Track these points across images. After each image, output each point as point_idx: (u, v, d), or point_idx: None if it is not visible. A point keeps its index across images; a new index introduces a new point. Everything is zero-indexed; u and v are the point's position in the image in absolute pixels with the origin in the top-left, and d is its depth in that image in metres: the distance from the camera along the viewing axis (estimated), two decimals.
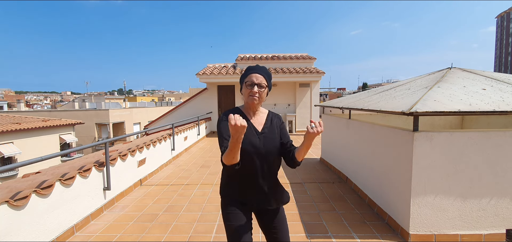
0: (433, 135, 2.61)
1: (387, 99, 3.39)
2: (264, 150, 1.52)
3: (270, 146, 1.55)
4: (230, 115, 1.22)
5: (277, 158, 1.60)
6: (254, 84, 1.50)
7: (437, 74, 3.80)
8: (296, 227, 3.10)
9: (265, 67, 1.55)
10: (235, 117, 1.20)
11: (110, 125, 24.20)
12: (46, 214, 2.71)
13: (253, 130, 1.55)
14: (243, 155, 1.46)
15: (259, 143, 1.52)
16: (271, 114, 1.68)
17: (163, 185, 4.75)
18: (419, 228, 2.71)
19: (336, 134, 5.27)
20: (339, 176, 4.98)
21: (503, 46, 64.92)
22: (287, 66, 11.35)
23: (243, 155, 1.45)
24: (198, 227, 3.16)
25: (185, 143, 7.93)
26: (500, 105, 2.50)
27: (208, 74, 10.85)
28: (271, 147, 1.55)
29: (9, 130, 13.80)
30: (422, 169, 2.65)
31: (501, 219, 2.66)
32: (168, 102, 44.20)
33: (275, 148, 1.57)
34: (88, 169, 3.40)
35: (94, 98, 37.93)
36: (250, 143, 1.50)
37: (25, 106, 36.66)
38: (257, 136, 1.54)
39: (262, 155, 1.51)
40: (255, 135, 1.54)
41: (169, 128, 7.57)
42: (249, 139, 1.51)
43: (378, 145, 3.44)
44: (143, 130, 8.35)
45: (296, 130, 11.71)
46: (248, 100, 1.53)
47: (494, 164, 2.60)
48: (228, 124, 1.43)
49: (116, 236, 2.98)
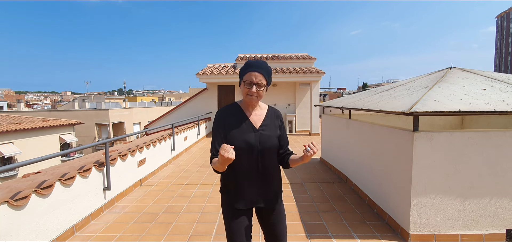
0: (433, 135, 2.61)
1: (387, 99, 3.38)
2: (260, 147, 1.51)
3: (267, 143, 1.53)
4: (223, 146, 1.29)
5: (274, 155, 1.59)
6: (252, 83, 1.48)
7: (437, 74, 3.80)
8: (296, 227, 3.10)
9: (265, 63, 1.52)
10: (227, 149, 1.28)
11: (110, 125, 24.19)
12: (46, 214, 2.71)
13: (250, 126, 1.54)
14: (238, 152, 1.45)
15: (254, 140, 1.51)
16: (271, 111, 1.65)
17: (163, 185, 4.75)
18: (419, 228, 2.71)
19: (336, 134, 5.27)
20: (339, 176, 4.98)
21: (503, 46, 64.92)
22: (287, 66, 11.35)
23: (237, 152, 1.45)
24: (198, 227, 3.16)
25: (185, 143, 7.93)
26: (500, 105, 2.50)
27: (208, 74, 10.85)
28: (268, 144, 1.53)
29: (9, 130, 13.80)
30: (422, 169, 2.65)
31: (501, 219, 2.66)
32: (168, 102, 44.20)
33: (272, 145, 1.55)
34: (88, 169, 3.40)
35: (94, 98, 37.93)
36: (244, 140, 1.49)
37: (25, 106, 36.66)
38: (253, 132, 1.53)
39: (257, 152, 1.50)
40: (251, 132, 1.52)
41: (169, 128, 7.57)
42: (243, 136, 1.50)
43: (378, 145, 3.44)
44: (143, 130, 8.35)
45: (296, 130, 11.71)
46: (246, 98, 1.52)
47: (494, 164, 2.60)
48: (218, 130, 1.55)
49: (116, 236, 2.98)
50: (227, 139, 1.51)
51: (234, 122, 1.54)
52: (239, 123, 1.53)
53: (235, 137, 1.49)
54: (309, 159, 1.40)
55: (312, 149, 1.38)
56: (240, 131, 1.51)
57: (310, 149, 1.39)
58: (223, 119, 1.55)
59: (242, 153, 1.47)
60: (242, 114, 1.56)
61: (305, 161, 1.45)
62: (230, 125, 1.53)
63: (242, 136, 1.50)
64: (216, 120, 1.57)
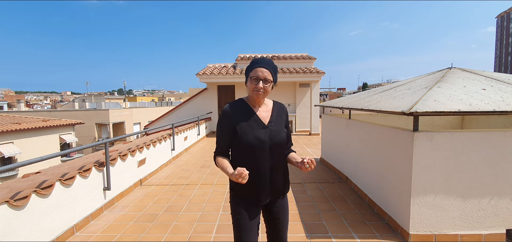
0: (433, 135, 2.61)
1: (387, 99, 3.38)
2: (271, 143, 1.51)
3: (277, 138, 1.54)
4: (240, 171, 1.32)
5: (283, 149, 1.61)
6: (259, 79, 1.47)
7: (437, 74, 3.80)
8: (296, 227, 3.10)
9: (270, 60, 1.52)
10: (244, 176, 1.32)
11: (110, 125, 24.19)
12: (46, 214, 2.70)
13: (260, 123, 1.54)
14: (249, 149, 1.47)
15: (265, 136, 1.51)
16: (276, 105, 1.66)
17: (163, 185, 4.75)
18: (419, 228, 2.71)
19: (336, 134, 5.27)
20: (339, 176, 4.98)
21: (503, 46, 64.90)
22: (287, 66, 11.35)
23: (249, 149, 1.47)
24: (198, 227, 3.16)
25: (185, 143, 7.93)
26: (500, 105, 2.50)
27: (208, 74, 10.84)
28: (277, 140, 1.54)
29: (9, 130, 13.80)
30: (422, 169, 2.65)
31: (501, 219, 2.66)
32: (168, 102, 44.20)
33: (282, 140, 1.56)
34: (88, 169, 3.40)
35: (94, 98, 37.92)
36: (256, 137, 1.49)
37: (25, 106, 36.66)
38: (263, 128, 1.53)
39: (268, 147, 1.51)
40: (261, 128, 1.52)
41: (169, 128, 7.57)
42: (254, 132, 1.50)
43: (378, 145, 3.44)
44: (143, 130, 8.35)
45: (296, 130, 11.71)
46: (253, 95, 1.52)
47: (494, 164, 2.60)
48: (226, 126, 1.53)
49: (116, 236, 2.98)
50: (238, 135, 1.50)
51: (244, 118, 1.53)
52: (248, 119, 1.53)
53: (247, 134, 1.49)
54: (306, 171, 1.43)
55: (310, 166, 1.40)
56: (250, 127, 1.51)
57: (308, 165, 1.40)
58: (231, 114, 1.53)
59: (254, 149, 1.48)
60: (250, 110, 1.56)
61: (301, 169, 1.46)
62: (240, 121, 1.52)
63: (253, 132, 1.49)
64: (224, 116, 1.55)
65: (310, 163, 1.40)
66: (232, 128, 1.52)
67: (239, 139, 1.49)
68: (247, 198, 1.55)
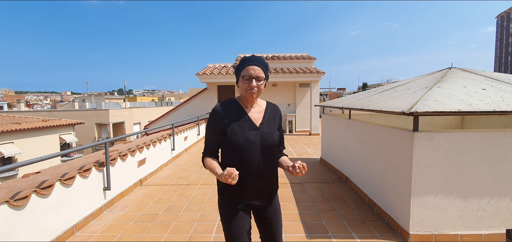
0: (433, 135, 2.61)
1: (387, 99, 3.38)
2: (262, 145, 1.46)
3: (268, 140, 1.49)
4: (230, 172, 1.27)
5: (275, 152, 1.56)
6: (252, 78, 1.43)
7: (437, 74, 3.80)
8: (296, 227, 3.10)
9: (260, 57, 1.49)
10: (234, 177, 1.27)
11: (110, 125, 24.19)
12: (46, 214, 2.71)
13: (250, 124, 1.49)
14: (239, 150, 1.43)
15: (255, 137, 1.46)
16: (270, 107, 1.61)
17: (163, 185, 4.75)
18: (419, 228, 2.71)
19: (336, 134, 5.27)
20: (339, 176, 4.98)
21: (503, 46, 64.89)
22: (287, 66, 11.35)
23: (238, 150, 1.42)
24: (198, 227, 3.16)
25: (185, 143, 7.94)
26: (500, 105, 2.50)
27: (208, 74, 10.85)
28: (269, 142, 1.49)
29: (9, 130, 13.80)
30: (422, 169, 2.65)
31: (501, 219, 2.66)
32: (168, 102, 44.20)
33: (273, 142, 1.51)
34: (88, 169, 3.40)
35: (94, 98, 37.92)
36: (246, 138, 1.44)
37: (25, 106, 36.65)
38: (255, 130, 1.48)
39: (259, 149, 1.46)
40: (252, 129, 1.47)
41: (169, 128, 7.57)
42: (245, 133, 1.45)
43: (378, 145, 3.44)
44: (143, 130, 8.35)
45: (296, 130, 11.71)
46: (247, 94, 1.46)
47: (494, 164, 2.60)
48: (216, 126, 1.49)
49: (116, 236, 2.98)
50: (228, 136, 1.45)
51: (234, 118, 1.48)
52: (239, 119, 1.48)
53: (237, 135, 1.44)
54: (297, 176, 1.39)
55: (301, 171, 1.37)
56: (241, 128, 1.46)
57: (299, 170, 1.37)
58: (222, 114, 1.48)
59: (244, 151, 1.43)
60: (241, 111, 1.51)
61: (292, 174, 1.42)
62: (230, 121, 1.46)
63: (243, 133, 1.45)
64: (214, 116, 1.50)
65: (301, 168, 1.36)
66: (222, 128, 1.47)
67: (229, 140, 1.44)
68: (236, 202, 1.50)
